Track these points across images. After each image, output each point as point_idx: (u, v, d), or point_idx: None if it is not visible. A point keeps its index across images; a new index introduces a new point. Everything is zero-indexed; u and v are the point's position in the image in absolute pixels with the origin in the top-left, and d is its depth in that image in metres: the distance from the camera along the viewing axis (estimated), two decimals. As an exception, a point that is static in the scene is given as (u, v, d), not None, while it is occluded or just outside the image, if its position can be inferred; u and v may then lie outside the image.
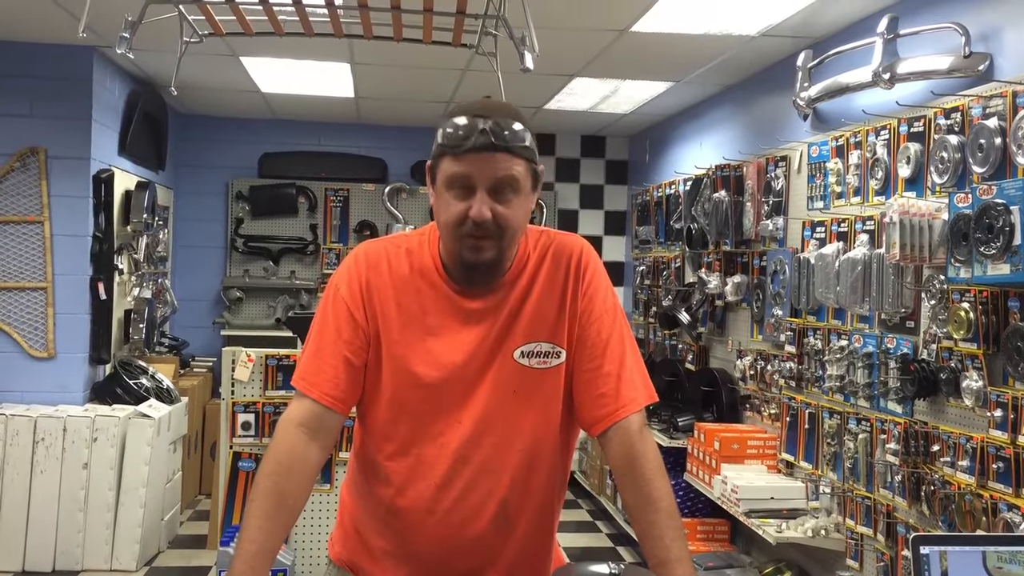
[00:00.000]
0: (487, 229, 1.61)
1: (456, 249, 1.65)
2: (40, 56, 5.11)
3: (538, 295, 1.73)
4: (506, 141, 1.60)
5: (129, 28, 3.09)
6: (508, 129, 1.61)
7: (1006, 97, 2.93)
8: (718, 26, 4.26)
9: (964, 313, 3.01)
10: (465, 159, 1.59)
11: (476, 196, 1.60)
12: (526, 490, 1.72)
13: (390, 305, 1.72)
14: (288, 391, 4.13)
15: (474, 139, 1.59)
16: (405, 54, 4.56)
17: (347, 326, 1.71)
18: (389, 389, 1.71)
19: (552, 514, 1.82)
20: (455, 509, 1.69)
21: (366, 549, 1.78)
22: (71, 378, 5.17)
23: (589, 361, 1.72)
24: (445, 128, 1.63)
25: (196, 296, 7.20)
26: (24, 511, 4.77)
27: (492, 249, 1.64)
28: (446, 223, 1.64)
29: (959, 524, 3.02)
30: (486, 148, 1.59)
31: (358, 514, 1.81)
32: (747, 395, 4.90)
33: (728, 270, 5.10)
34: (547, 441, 1.74)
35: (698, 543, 4.90)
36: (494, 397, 1.70)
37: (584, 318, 1.74)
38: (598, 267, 1.78)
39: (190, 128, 7.19)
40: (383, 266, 1.74)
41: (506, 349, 1.71)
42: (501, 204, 1.61)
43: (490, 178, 1.60)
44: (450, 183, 1.62)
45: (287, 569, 3.85)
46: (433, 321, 1.71)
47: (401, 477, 1.71)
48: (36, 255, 5.14)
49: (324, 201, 7.30)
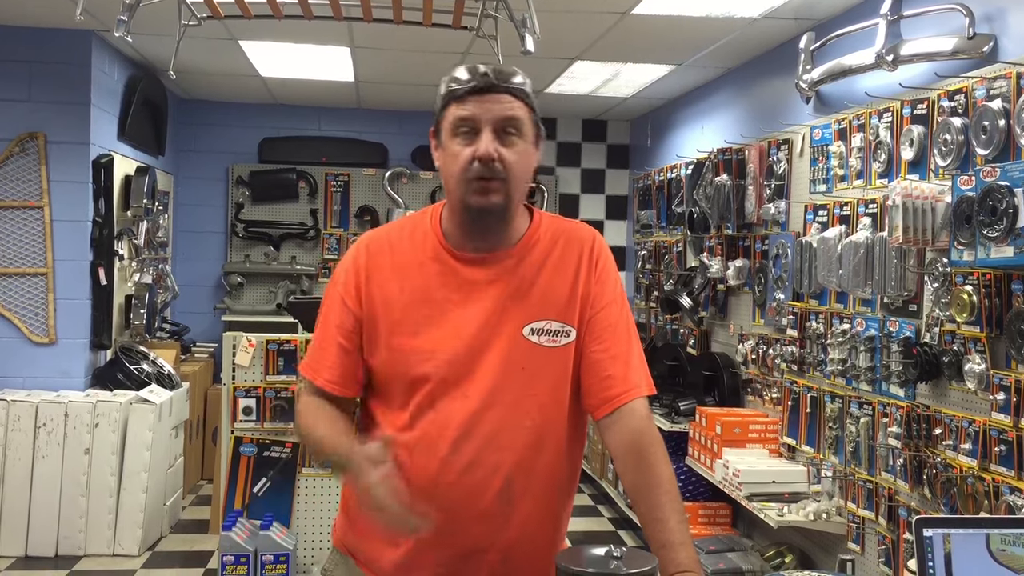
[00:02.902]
0: (494, 170, 1.65)
1: (464, 196, 1.68)
2: (39, 40, 5.08)
3: (549, 274, 1.75)
4: (507, 82, 1.67)
5: (127, 11, 3.08)
6: (508, 73, 1.69)
7: (1010, 79, 2.91)
8: (720, 8, 4.24)
9: (967, 296, 3.00)
10: (468, 101, 1.66)
11: (481, 136, 1.65)
12: (531, 469, 1.72)
13: (392, 288, 1.74)
14: (289, 375, 4.14)
15: (476, 81, 1.66)
16: (405, 38, 4.53)
17: (339, 312, 1.77)
18: (395, 366, 1.73)
19: (559, 503, 1.81)
20: (459, 483, 1.69)
21: (366, 531, 1.78)
22: (72, 363, 5.18)
23: (598, 343, 1.74)
24: (447, 82, 1.70)
25: (197, 281, 7.19)
26: (26, 496, 4.78)
27: (499, 192, 1.67)
28: (452, 171, 1.68)
29: (961, 507, 3.01)
30: (488, 88, 1.66)
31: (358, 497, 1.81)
32: (749, 379, 4.89)
33: (730, 254, 5.09)
34: (555, 422, 1.75)
35: (699, 527, 4.91)
36: (502, 372, 1.70)
37: (596, 302, 1.76)
38: (610, 257, 1.83)
39: (190, 113, 7.16)
40: (384, 252, 1.78)
41: (515, 325, 1.72)
42: (506, 146, 1.66)
43: (493, 117, 1.66)
44: (455, 128, 1.67)
45: (289, 553, 3.86)
46: (438, 296, 1.73)
47: (406, 451, 1.71)
48: (36, 240, 5.14)
49: (324, 186, 7.29)
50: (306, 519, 4.15)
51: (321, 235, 7.28)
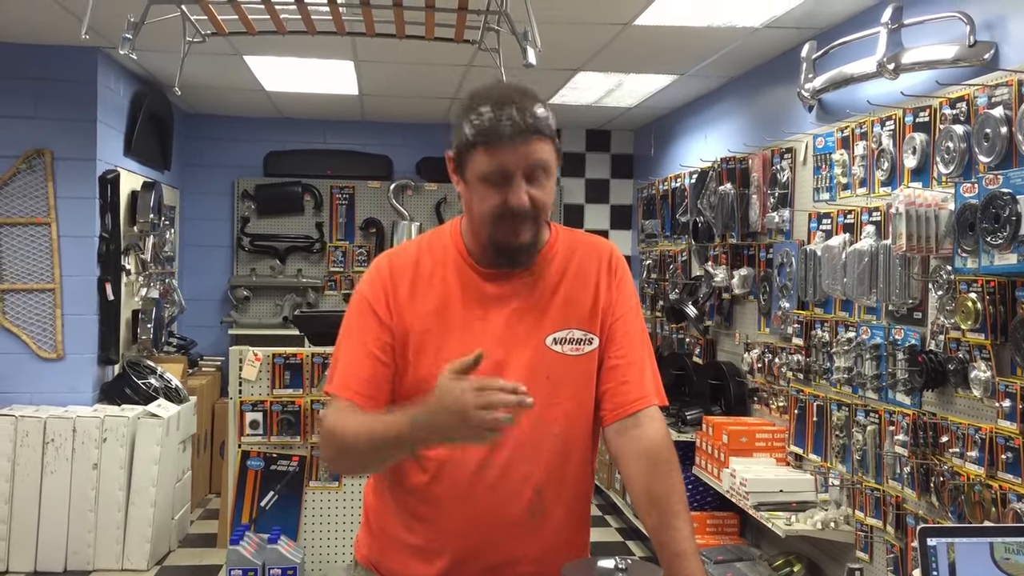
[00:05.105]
0: (526, 215, 1.66)
1: (493, 236, 1.69)
2: (44, 58, 5.12)
3: (570, 284, 1.78)
4: (535, 125, 1.64)
5: (132, 29, 3.10)
6: (534, 113, 1.65)
7: (1012, 86, 2.91)
8: (722, 18, 4.25)
9: (971, 303, 3.00)
10: (498, 150, 1.63)
11: (513, 185, 1.64)
12: (561, 478, 1.74)
13: (418, 304, 1.75)
14: (296, 389, 4.15)
15: (506, 129, 1.62)
16: (408, 51, 4.55)
17: (373, 326, 1.74)
18: (422, 380, 1.72)
19: (586, 509, 1.84)
20: (489, 495, 1.70)
21: (395, 547, 1.78)
22: (80, 379, 5.19)
23: (616, 350, 1.77)
24: (471, 119, 1.66)
25: (203, 295, 7.21)
26: (35, 512, 4.79)
27: (530, 231, 1.70)
28: (483, 214, 1.68)
29: (968, 515, 3.01)
30: (518, 135, 1.62)
31: (385, 513, 1.81)
32: (755, 388, 4.89)
33: (734, 263, 5.09)
34: (580, 429, 1.77)
35: (707, 536, 4.90)
36: (527, 382, 1.69)
37: (615, 310, 1.79)
38: (627, 268, 1.86)
39: (195, 128, 7.20)
40: (408, 268, 1.78)
41: (538, 335, 1.74)
42: (535, 188, 1.67)
43: (525, 165, 1.65)
44: (485, 176, 1.65)
45: (296, 567, 3.86)
46: (463, 310, 1.74)
47: (436, 464, 1.72)
48: (44, 256, 5.16)
49: (330, 199, 7.31)
50: (313, 532, 4.16)
51: (327, 248, 7.30)
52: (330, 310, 6.91)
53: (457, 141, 1.70)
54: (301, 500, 4.14)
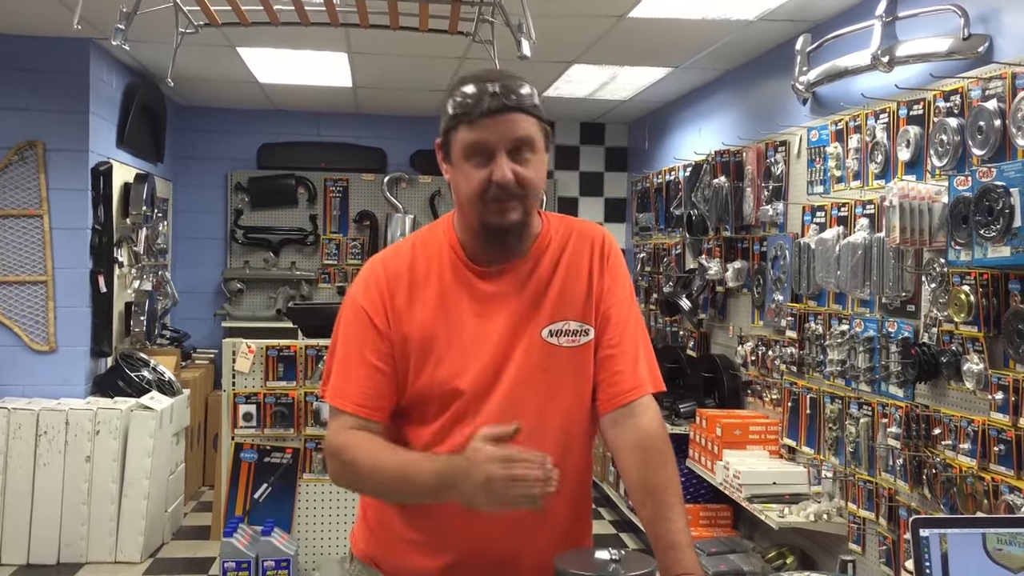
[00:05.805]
0: (512, 191, 1.64)
1: (482, 216, 1.67)
2: (36, 49, 5.09)
3: (564, 275, 1.76)
4: (518, 101, 1.63)
5: (124, 19, 3.09)
6: (517, 90, 1.64)
7: (1005, 79, 2.92)
8: (716, 11, 4.25)
9: (965, 296, 3.00)
10: (480, 124, 1.62)
11: (496, 160, 1.63)
12: (562, 471, 1.72)
13: (415, 309, 1.72)
14: (289, 381, 4.14)
15: (487, 103, 1.62)
16: (402, 43, 4.54)
17: (373, 337, 1.71)
18: (420, 381, 1.71)
19: (587, 503, 1.83)
20: None
21: (396, 542, 1.77)
22: (72, 371, 5.18)
23: (609, 339, 1.75)
24: (454, 98, 1.66)
25: (196, 288, 7.19)
26: (28, 504, 4.78)
27: (517, 210, 1.67)
28: (469, 193, 1.66)
29: (961, 507, 3.02)
30: (500, 110, 1.62)
31: (384, 508, 1.79)
32: (748, 381, 4.90)
33: (728, 256, 5.09)
34: (579, 421, 1.76)
35: (701, 529, 4.91)
36: (525, 377, 1.70)
37: (608, 298, 1.77)
38: (620, 254, 1.83)
39: (188, 120, 7.17)
40: (403, 271, 1.75)
41: (533, 328, 1.72)
42: (521, 165, 1.65)
43: (508, 139, 1.63)
44: (468, 152, 1.64)
45: (290, 559, 3.86)
46: (460, 310, 1.72)
47: None
48: (36, 249, 5.14)
49: (324, 191, 7.29)
50: (307, 524, 4.16)
51: (320, 240, 7.29)
52: (324, 303, 6.92)
53: (443, 125, 1.69)
54: (295, 492, 4.14)
